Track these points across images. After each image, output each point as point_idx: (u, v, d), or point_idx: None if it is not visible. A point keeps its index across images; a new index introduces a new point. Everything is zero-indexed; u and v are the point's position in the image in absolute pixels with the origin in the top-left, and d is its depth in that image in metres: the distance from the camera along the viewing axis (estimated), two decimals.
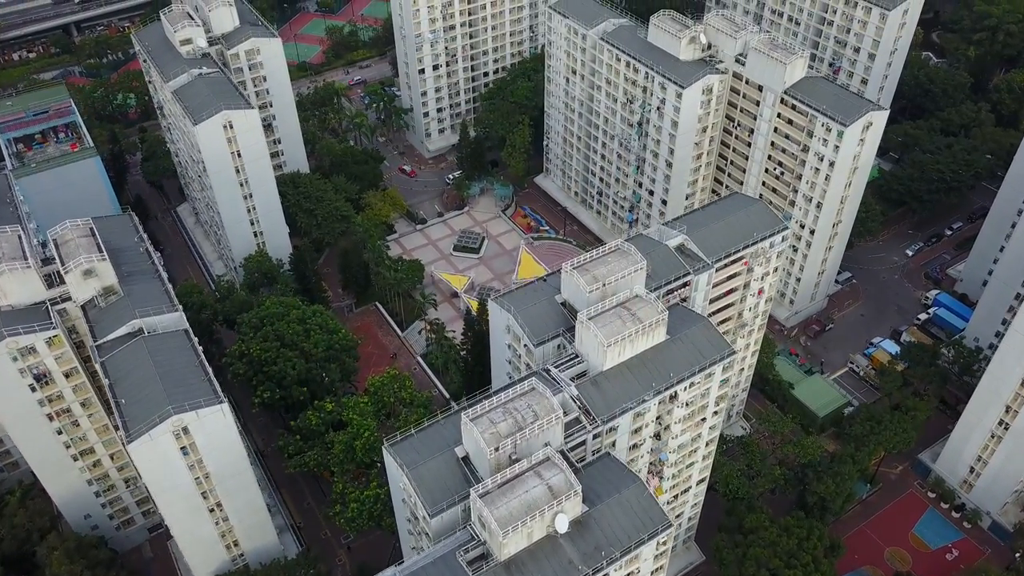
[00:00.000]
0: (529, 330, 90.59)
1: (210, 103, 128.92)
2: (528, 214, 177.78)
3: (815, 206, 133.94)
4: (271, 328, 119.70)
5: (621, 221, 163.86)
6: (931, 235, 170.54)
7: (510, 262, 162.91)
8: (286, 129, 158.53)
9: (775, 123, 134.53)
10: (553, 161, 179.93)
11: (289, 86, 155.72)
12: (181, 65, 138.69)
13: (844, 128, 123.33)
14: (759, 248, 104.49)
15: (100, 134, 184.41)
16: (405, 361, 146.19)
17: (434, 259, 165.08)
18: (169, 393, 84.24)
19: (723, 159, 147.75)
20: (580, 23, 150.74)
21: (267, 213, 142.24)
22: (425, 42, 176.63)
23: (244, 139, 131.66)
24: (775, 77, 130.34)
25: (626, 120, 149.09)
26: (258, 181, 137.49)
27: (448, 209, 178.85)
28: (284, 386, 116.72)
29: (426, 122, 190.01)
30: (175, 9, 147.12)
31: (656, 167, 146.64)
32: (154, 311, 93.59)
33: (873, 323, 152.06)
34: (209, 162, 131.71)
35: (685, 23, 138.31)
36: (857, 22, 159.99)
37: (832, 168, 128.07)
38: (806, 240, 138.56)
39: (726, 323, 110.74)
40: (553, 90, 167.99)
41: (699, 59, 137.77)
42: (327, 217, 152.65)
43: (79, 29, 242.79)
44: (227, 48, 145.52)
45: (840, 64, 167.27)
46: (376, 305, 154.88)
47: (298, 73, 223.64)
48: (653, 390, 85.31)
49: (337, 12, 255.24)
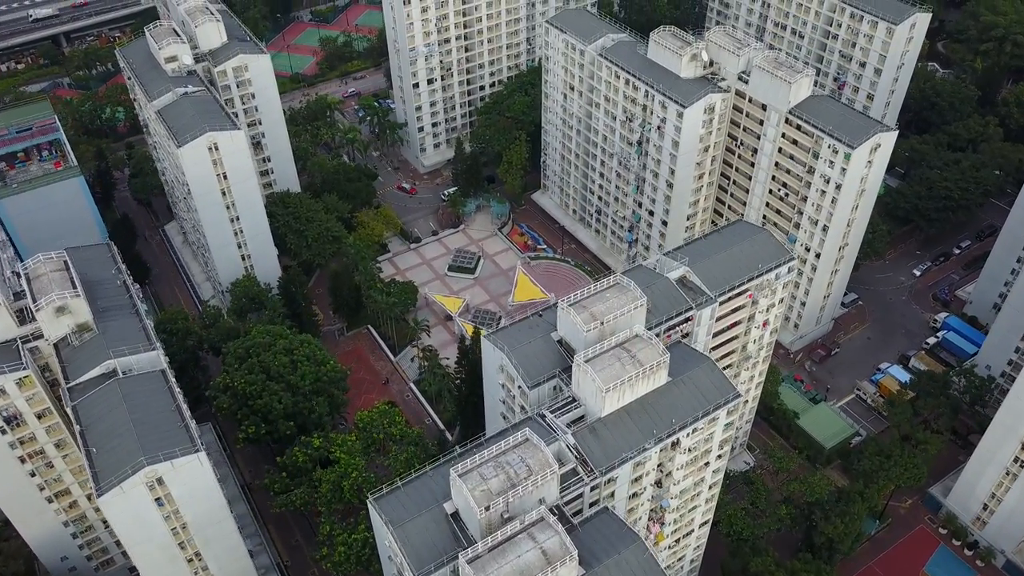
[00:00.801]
0: (523, 371, 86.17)
1: (195, 124, 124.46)
2: (525, 232, 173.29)
3: (821, 229, 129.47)
4: (257, 359, 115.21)
5: (620, 241, 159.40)
6: (939, 254, 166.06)
7: (507, 283, 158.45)
8: (276, 147, 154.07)
9: (779, 143, 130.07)
10: (551, 178, 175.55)
11: (279, 103, 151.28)
12: (166, 83, 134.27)
13: (851, 150, 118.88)
14: (764, 280, 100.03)
15: (87, 150, 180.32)
16: (398, 387, 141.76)
17: (428, 280, 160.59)
18: (142, 441, 79.72)
19: (725, 179, 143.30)
20: (578, 38, 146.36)
21: (255, 236, 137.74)
22: (419, 56, 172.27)
23: (230, 161, 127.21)
24: (779, 96, 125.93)
25: (625, 138, 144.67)
26: (245, 204, 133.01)
27: (443, 227, 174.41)
28: (270, 420, 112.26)
29: (421, 137, 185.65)
30: (161, 25, 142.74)
31: (656, 187, 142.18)
32: (130, 350, 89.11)
33: (880, 347, 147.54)
34: (194, 185, 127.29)
35: (686, 39, 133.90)
36: (863, 36, 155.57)
37: (839, 191, 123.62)
38: (811, 264, 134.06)
39: (729, 356, 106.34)
40: (550, 106, 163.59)
41: (700, 76, 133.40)
42: (317, 238, 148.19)
43: (69, 39, 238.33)
44: (214, 65, 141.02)
45: (845, 79, 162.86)
46: (368, 328, 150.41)
47: (291, 85, 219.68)
48: (654, 437, 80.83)
49: (331, 22, 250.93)
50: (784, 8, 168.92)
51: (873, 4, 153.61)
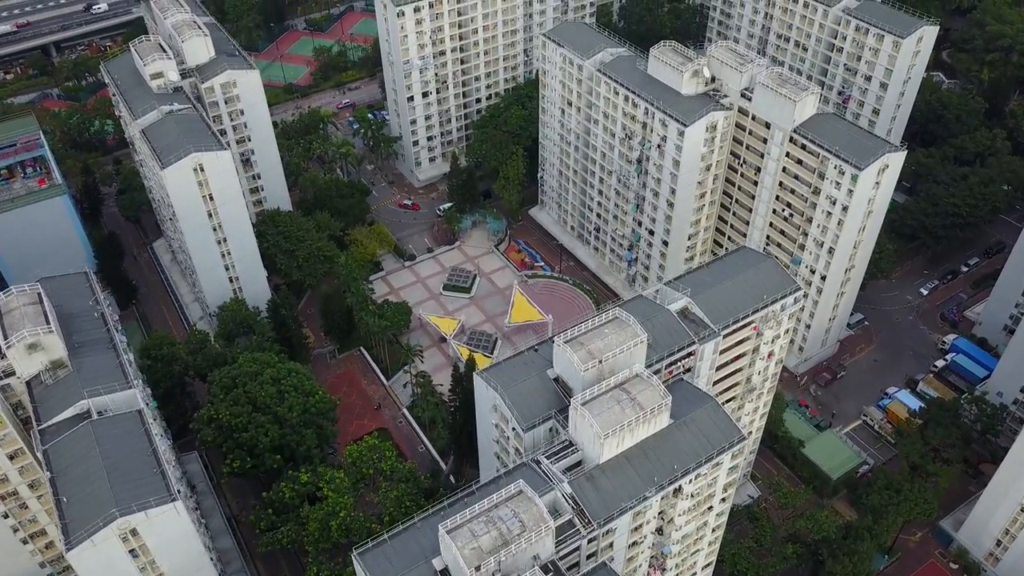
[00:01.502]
0: (518, 413, 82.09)
1: (179, 144, 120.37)
2: (522, 249, 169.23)
3: (827, 252, 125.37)
4: (243, 390, 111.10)
5: (619, 259, 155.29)
6: (946, 272, 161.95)
7: (503, 302, 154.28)
8: (266, 164, 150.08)
9: (783, 162, 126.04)
10: (548, 193, 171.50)
11: (268, 119, 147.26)
12: (151, 101, 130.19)
13: (859, 172, 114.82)
14: (769, 312, 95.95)
15: (73, 165, 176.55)
16: (390, 412, 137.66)
17: (422, 299, 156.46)
18: (116, 490, 75.62)
19: (728, 197, 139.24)
20: (576, 53, 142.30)
21: (243, 258, 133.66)
22: (414, 68, 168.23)
23: (216, 182, 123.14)
24: (784, 115, 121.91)
25: (624, 156, 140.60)
26: (232, 225, 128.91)
27: (439, 243, 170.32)
28: (256, 454, 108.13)
29: (416, 151, 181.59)
30: (147, 40, 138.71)
31: (656, 206, 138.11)
32: (105, 389, 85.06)
33: (887, 370, 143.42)
34: (179, 207, 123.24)
35: (687, 55, 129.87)
36: (868, 50, 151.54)
37: (845, 213, 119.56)
38: (816, 286, 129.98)
39: (733, 388, 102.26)
40: (548, 121, 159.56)
41: (702, 93, 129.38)
42: (308, 258, 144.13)
43: (59, 49, 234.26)
44: (201, 81, 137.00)
45: (850, 93, 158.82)
46: (360, 350, 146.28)
47: (284, 96, 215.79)
48: (655, 485, 76.78)
49: (326, 31, 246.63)
50: (787, 20, 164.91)
51: (879, 17, 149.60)
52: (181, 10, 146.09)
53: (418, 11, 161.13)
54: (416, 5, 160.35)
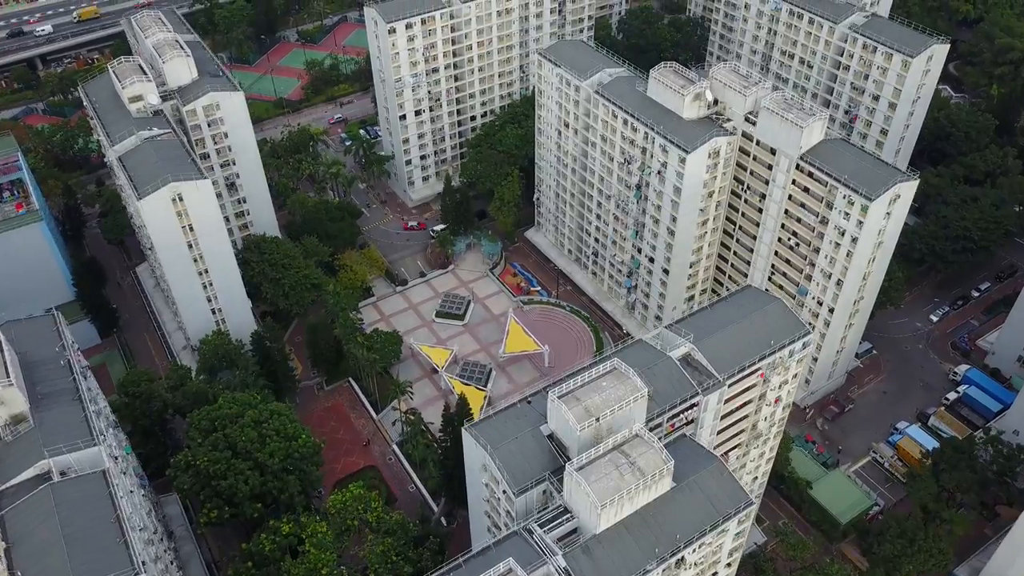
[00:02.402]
0: (509, 475, 76.64)
1: (157, 173, 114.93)
2: (518, 272, 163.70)
3: (835, 283, 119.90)
4: (222, 433, 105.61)
5: (619, 285, 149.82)
6: (957, 297, 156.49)
7: (498, 330, 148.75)
8: (252, 188, 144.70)
9: (790, 190, 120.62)
10: (545, 215, 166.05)
11: (254, 142, 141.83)
12: (129, 125, 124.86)
13: (869, 202, 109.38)
14: (777, 358, 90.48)
15: (55, 186, 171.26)
16: (380, 449, 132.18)
17: (414, 327, 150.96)
18: (73, 564, 70.13)
19: (731, 223, 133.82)
20: (573, 73, 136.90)
21: (226, 289, 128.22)
22: (406, 86, 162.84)
23: (196, 212, 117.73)
24: (790, 141, 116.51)
25: (623, 181, 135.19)
26: (214, 256, 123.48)
27: (432, 266, 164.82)
28: (235, 503, 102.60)
29: (409, 170, 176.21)
30: (126, 61, 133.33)
31: (657, 234, 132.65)
32: (68, 447, 79.56)
33: (897, 402, 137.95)
34: (156, 238, 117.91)
35: (688, 77, 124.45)
36: (877, 68, 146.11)
37: (855, 244, 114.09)
38: (824, 318, 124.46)
39: (739, 436, 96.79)
40: (544, 142, 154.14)
41: (704, 117, 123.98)
42: (295, 286, 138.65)
43: (45, 62, 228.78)
44: (183, 104, 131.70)
45: (857, 112, 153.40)
46: (349, 382, 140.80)
47: (275, 110, 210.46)
48: (656, 557, 71.29)
49: (319, 42, 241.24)
50: (791, 36, 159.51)
51: (887, 35, 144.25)
52: (163, 28, 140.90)
53: (410, 28, 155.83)
54: (408, 22, 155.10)
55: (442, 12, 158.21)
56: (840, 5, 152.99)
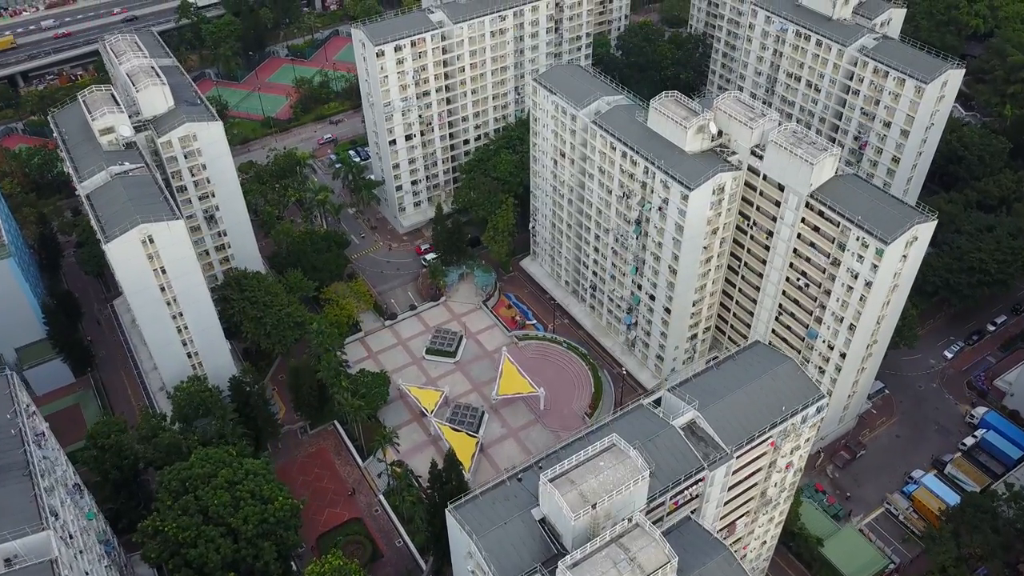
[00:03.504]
0: (496, 566, 69.67)
1: (126, 214, 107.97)
2: (513, 304, 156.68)
3: (847, 328, 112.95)
4: (193, 496, 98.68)
5: (618, 321, 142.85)
6: (971, 331, 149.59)
7: (491, 367, 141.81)
8: (232, 220, 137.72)
9: (799, 228, 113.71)
10: (541, 245, 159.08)
11: (234, 172, 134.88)
12: (99, 160, 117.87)
13: (884, 246, 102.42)
14: (789, 425, 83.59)
15: (30, 213, 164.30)
16: (366, 499, 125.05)
17: (404, 364, 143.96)
18: None
19: (736, 259, 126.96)
20: (568, 101, 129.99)
21: (202, 332, 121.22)
22: (396, 110, 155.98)
23: (169, 253, 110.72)
24: (799, 178, 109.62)
25: (622, 215, 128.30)
26: (189, 299, 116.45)
27: (423, 297, 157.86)
28: (206, 573, 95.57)
29: (399, 196, 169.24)
30: (97, 90, 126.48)
31: (658, 271, 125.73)
32: (14, 533, 72.61)
33: (910, 447, 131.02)
34: (125, 281, 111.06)
35: (691, 107, 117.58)
36: (888, 94, 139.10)
37: (868, 288, 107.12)
38: (835, 363, 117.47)
39: (747, 504, 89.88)
40: (539, 170, 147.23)
41: (707, 150, 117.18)
42: (277, 325, 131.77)
43: (26, 79, 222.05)
44: (157, 135, 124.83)
45: (867, 138, 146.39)
46: (335, 425, 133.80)
47: (262, 130, 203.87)
48: None
49: (309, 57, 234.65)
50: (798, 59, 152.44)
51: (899, 59, 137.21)
52: (138, 54, 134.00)
53: (399, 50, 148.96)
54: (397, 44, 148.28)
55: (433, 33, 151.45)
56: (849, 26, 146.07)
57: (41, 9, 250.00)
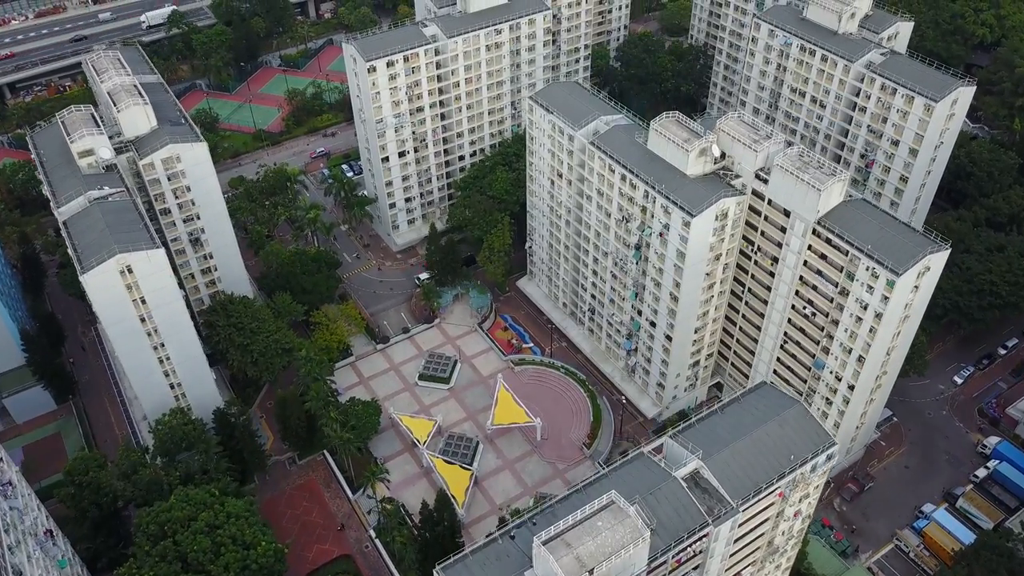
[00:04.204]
0: None
1: (104, 243, 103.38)
2: (510, 326, 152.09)
3: (855, 359, 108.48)
4: (172, 541, 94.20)
5: (617, 346, 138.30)
6: (981, 355, 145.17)
7: (486, 394, 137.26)
8: (218, 242, 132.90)
9: (805, 255, 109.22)
10: (538, 265, 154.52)
11: (219, 193, 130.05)
12: (77, 184, 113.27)
13: (896, 277, 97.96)
14: (799, 475, 79.10)
15: (12, 232, 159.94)
16: (355, 534, 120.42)
17: (396, 391, 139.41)
18: None
19: (739, 284, 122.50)
20: (566, 121, 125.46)
21: (185, 362, 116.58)
22: (388, 127, 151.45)
23: (148, 284, 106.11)
24: (806, 204, 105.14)
25: (622, 239, 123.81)
26: (171, 329, 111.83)
27: (417, 319, 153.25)
28: None
29: (393, 214, 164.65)
30: (76, 110, 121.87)
31: (659, 297, 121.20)
32: None
33: (920, 478, 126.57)
34: (103, 313, 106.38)
35: (693, 129, 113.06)
36: (896, 112, 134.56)
37: (879, 320, 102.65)
38: (843, 395, 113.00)
39: (753, 554, 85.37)
40: (536, 190, 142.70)
41: (710, 173, 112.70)
42: (265, 352, 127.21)
43: (13, 90, 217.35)
44: (139, 157, 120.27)
45: (874, 156, 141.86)
46: (324, 455, 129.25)
47: (253, 143, 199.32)
48: None
49: (303, 68, 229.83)
50: (802, 73, 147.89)
51: (908, 75, 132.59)
52: (120, 72, 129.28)
53: (391, 66, 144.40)
54: (389, 59, 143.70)
55: (426, 48, 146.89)
56: (856, 41, 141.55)
57: (30, 18, 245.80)
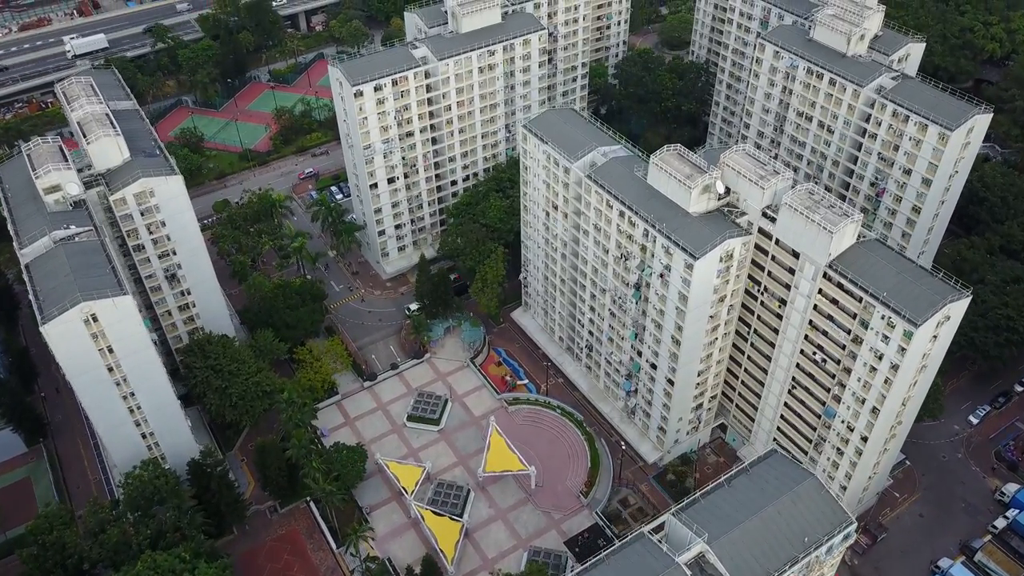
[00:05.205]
0: None
1: (66, 290, 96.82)
2: (503, 361, 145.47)
3: (869, 410, 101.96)
4: None
5: (616, 386, 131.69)
6: (997, 393, 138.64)
7: (478, 436, 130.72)
8: (196, 276, 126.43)
9: (815, 299, 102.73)
10: (533, 296, 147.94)
11: (196, 227, 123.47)
12: (42, 223, 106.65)
13: (914, 328, 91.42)
14: (813, 558, 72.52)
15: None
16: None
17: (383, 433, 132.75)
18: None
19: (745, 325, 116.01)
20: (562, 152, 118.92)
21: (158, 410, 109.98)
22: (376, 153, 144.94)
23: (116, 331, 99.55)
24: (816, 247, 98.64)
25: (620, 277, 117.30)
26: (141, 377, 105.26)
27: (406, 352, 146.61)
28: None
29: (382, 240, 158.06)
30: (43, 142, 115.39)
31: (659, 339, 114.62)
32: None
33: (936, 528, 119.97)
34: (66, 364, 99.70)
35: (695, 163, 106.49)
36: (909, 139, 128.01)
37: (895, 372, 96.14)
38: (856, 446, 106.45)
39: None
40: (530, 220, 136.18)
41: (714, 210, 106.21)
42: (244, 395, 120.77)
43: None
44: (110, 192, 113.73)
45: (885, 185, 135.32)
46: (307, 504, 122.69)
47: (240, 164, 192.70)
48: None
49: (292, 83, 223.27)
50: (809, 97, 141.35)
51: (921, 101, 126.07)
52: (92, 99, 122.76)
53: (379, 90, 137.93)
54: (377, 83, 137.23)
55: (416, 71, 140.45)
56: (865, 64, 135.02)
57: (14, 31, 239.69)
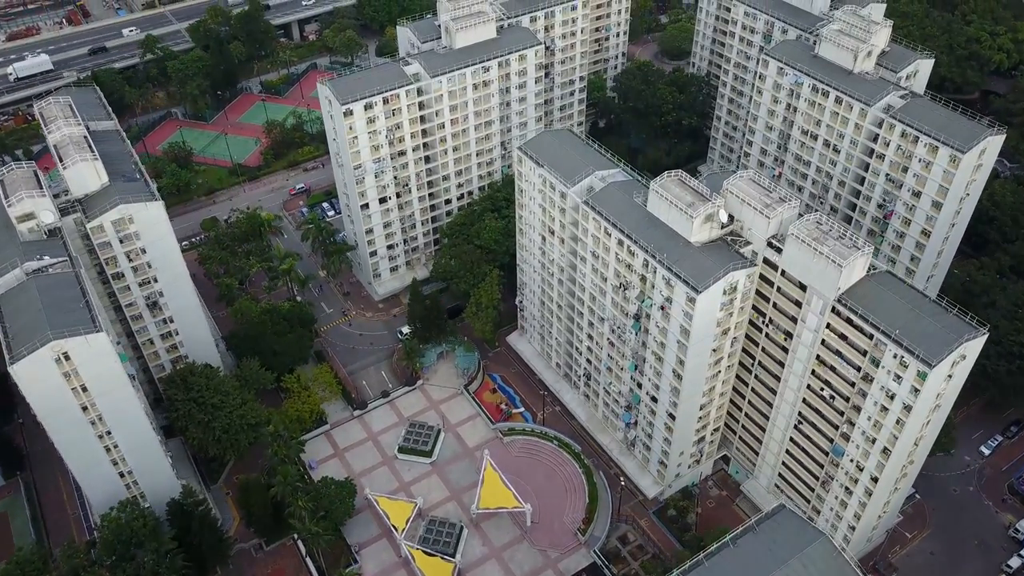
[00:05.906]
0: None
1: (37, 327, 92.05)
2: (499, 388, 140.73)
3: (879, 450, 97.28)
4: None
5: (616, 417, 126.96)
6: (1010, 422, 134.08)
7: (472, 469, 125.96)
8: (179, 304, 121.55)
9: (823, 334, 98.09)
10: (529, 320, 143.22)
11: (179, 253, 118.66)
12: (14, 253, 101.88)
13: (928, 369, 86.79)
14: None
15: None
16: None
17: (373, 465, 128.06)
18: None
19: (750, 357, 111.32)
20: (558, 176, 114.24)
21: (136, 449, 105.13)
22: (368, 173, 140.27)
23: (89, 370, 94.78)
24: (825, 280, 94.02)
25: (619, 306, 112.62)
26: (118, 415, 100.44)
27: (398, 380, 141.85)
28: None
29: (374, 261, 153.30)
30: (16, 168, 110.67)
31: (660, 372, 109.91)
32: None
33: (948, 567, 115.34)
34: (37, 405, 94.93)
35: (697, 190, 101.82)
36: (918, 161, 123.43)
37: (907, 412, 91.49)
38: (865, 486, 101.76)
39: None
40: (526, 244, 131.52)
41: (717, 239, 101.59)
42: (228, 428, 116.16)
43: None
44: (87, 219, 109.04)
45: (893, 207, 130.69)
46: (294, 540, 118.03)
47: (230, 179, 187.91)
48: None
49: (284, 94, 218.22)
50: (814, 115, 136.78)
51: (931, 122, 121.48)
52: (70, 121, 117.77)
53: (369, 108, 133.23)
54: (367, 101, 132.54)
55: (408, 89, 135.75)
56: (872, 81, 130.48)
57: (1, 40, 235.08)
